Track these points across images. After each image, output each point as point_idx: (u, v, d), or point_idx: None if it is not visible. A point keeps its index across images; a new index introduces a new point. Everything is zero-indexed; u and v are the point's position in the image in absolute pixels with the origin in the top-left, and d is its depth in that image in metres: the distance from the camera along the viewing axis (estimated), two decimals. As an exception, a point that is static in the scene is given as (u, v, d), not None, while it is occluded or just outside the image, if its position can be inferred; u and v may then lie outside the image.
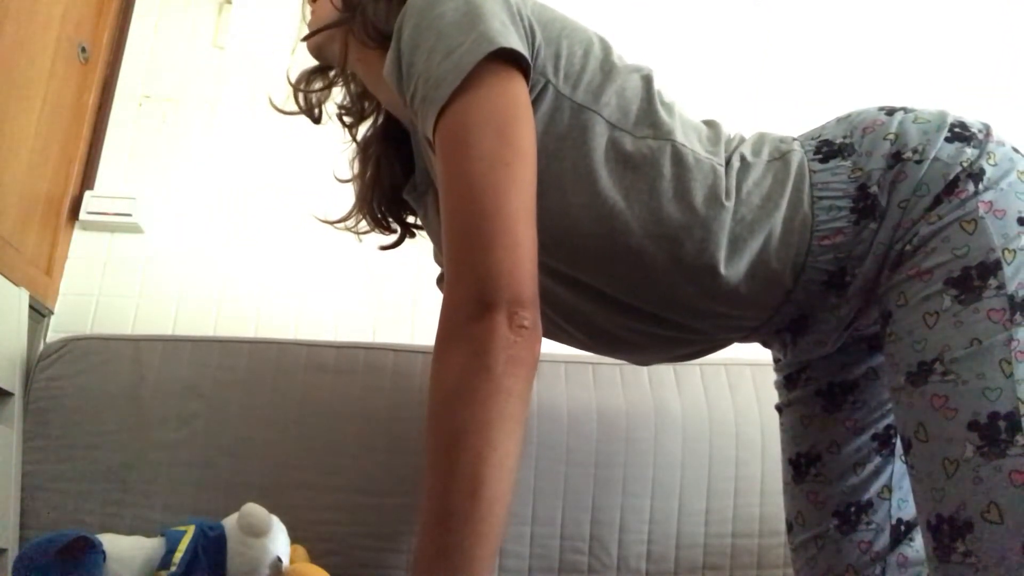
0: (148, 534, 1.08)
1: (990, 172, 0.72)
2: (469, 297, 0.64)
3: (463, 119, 0.67)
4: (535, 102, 0.75)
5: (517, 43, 0.70)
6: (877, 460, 0.88)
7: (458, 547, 0.60)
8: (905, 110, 0.80)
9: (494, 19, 0.70)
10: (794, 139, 0.84)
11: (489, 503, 0.60)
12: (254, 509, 1.05)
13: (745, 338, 0.89)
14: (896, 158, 0.75)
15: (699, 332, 0.85)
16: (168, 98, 1.73)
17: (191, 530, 1.05)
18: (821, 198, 0.76)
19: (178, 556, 1.02)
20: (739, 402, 1.41)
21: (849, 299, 0.79)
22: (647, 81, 0.81)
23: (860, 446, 0.88)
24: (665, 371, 1.43)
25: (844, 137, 0.80)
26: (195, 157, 1.69)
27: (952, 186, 0.72)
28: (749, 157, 0.79)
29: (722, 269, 0.75)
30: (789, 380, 0.96)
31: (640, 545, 1.31)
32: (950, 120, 0.77)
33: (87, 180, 1.64)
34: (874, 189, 0.75)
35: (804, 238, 0.76)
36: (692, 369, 1.44)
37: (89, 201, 1.59)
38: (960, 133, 0.75)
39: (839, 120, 0.84)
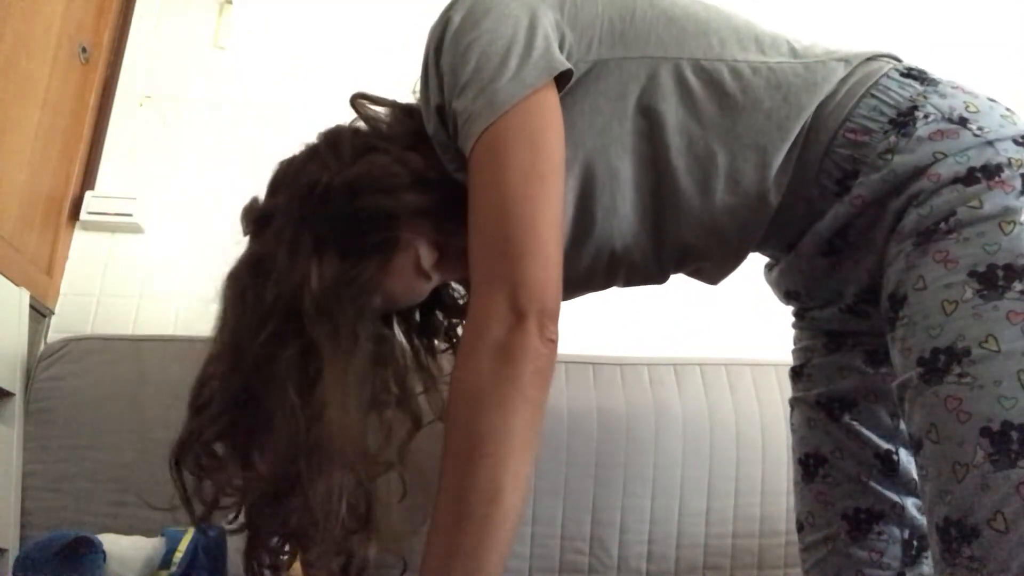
0: (148, 534, 1.08)
1: None
2: (503, 305, 0.65)
3: (496, 133, 0.69)
4: (592, 79, 0.75)
5: (554, 60, 0.71)
6: (881, 476, 0.87)
7: (471, 550, 0.61)
8: (1007, 107, 0.77)
9: (529, 45, 0.71)
10: (898, 60, 0.82)
11: (505, 510, 0.62)
12: (254, 509, 1.05)
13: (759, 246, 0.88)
14: (960, 122, 0.73)
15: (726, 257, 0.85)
16: (169, 98, 1.74)
17: (191, 530, 1.05)
18: (873, 95, 0.76)
19: (178, 556, 1.02)
20: (739, 402, 1.41)
21: (843, 204, 0.77)
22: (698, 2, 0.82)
23: (863, 459, 0.88)
24: (665, 371, 1.43)
25: (938, 79, 0.78)
26: (195, 157, 1.69)
27: (994, 171, 0.70)
28: (821, 63, 0.79)
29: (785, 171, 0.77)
30: (795, 373, 0.96)
31: (640, 545, 1.31)
32: None
33: (87, 180, 1.64)
34: (920, 114, 0.74)
35: (835, 125, 0.76)
36: (692, 369, 1.44)
37: (89, 201, 1.59)
38: None
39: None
